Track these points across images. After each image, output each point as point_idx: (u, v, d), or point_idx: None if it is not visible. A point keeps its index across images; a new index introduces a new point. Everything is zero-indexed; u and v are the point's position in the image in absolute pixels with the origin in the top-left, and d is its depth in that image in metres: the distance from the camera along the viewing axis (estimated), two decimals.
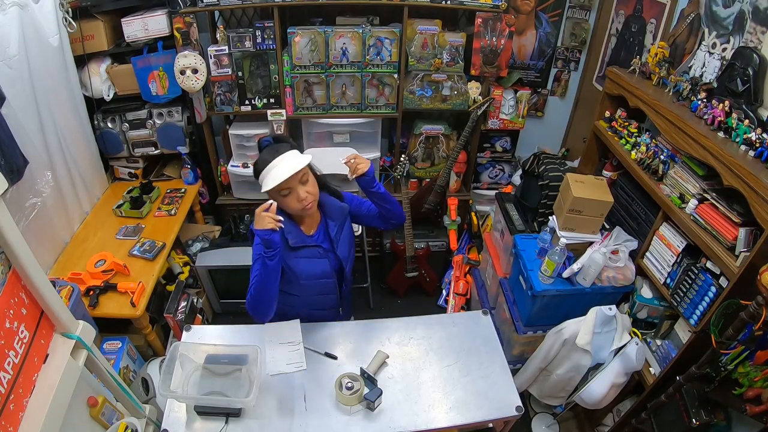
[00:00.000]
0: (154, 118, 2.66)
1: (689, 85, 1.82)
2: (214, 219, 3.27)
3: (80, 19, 2.25)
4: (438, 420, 1.45)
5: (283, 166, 1.42)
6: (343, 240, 1.67)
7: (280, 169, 1.42)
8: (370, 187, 1.60)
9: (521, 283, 2.11)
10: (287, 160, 1.44)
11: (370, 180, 1.57)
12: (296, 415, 1.44)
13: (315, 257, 1.61)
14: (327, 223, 1.64)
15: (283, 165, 1.43)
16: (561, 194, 2.08)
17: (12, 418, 1.14)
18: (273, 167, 1.44)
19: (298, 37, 2.42)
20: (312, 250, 1.61)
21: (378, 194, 1.62)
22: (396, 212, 1.68)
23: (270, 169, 1.44)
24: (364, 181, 1.57)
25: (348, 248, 1.70)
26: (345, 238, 1.68)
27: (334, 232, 1.64)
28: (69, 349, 1.37)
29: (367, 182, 1.58)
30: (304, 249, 1.59)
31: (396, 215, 1.69)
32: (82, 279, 2.08)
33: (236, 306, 2.87)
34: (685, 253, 1.70)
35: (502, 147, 3.02)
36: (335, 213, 1.63)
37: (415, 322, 1.77)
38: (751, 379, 1.48)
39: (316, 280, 1.65)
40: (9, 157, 1.68)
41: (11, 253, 1.17)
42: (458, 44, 2.53)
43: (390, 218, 1.69)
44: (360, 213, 1.71)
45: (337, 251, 1.65)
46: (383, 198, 1.63)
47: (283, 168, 1.42)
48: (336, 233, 1.64)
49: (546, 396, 2.16)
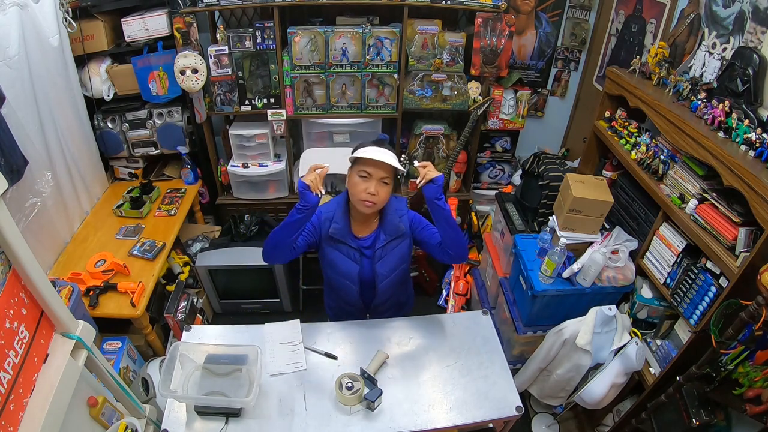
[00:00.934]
0: (154, 118, 2.66)
1: (689, 85, 1.82)
2: (214, 219, 3.28)
3: (80, 19, 2.25)
4: (438, 420, 1.45)
5: (384, 153, 1.47)
6: (389, 257, 1.63)
7: (380, 153, 1.46)
8: (436, 198, 1.47)
9: (521, 283, 2.11)
10: (390, 155, 1.49)
11: (437, 189, 1.46)
12: (296, 415, 1.44)
13: (349, 257, 1.62)
14: (379, 235, 1.62)
15: (385, 153, 1.47)
16: (561, 194, 2.08)
17: (12, 418, 1.14)
18: (375, 150, 1.47)
19: (298, 37, 2.42)
20: (350, 249, 1.61)
21: (442, 211, 1.48)
22: (457, 241, 1.53)
23: (372, 149, 1.48)
24: (431, 189, 1.46)
25: (391, 268, 1.64)
26: (393, 256, 1.63)
27: (380, 245, 1.61)
28: (69, 349, 1.37)
29: (434, 191, 1.46)
30: (343, 245, 1.60)
31: (456, 245, 1.53)
32: (82, 279, 2.08)
33: (236, 306, 2.87)
34: (685, 253, 1.70)
35: (502, 147, 3.02)
36: (390, 228, 1.60)
37: (415, 322, 1.77)
38: (751, 379, 1.48)
39: (340, 278, 1.66)
40: (9, 157, 1.68)
41: (11, 253, 1.17)
42: (458, 44, 2.53)
43: (449, 247, 1.54)
44: (421, 238, 1.64)
45: (377, 265, 1.62)
46: (447, 218, 1.49)
47: (383, 154, 1.46)
48: (383, 246, 1.61)
49: (546, 396, 2.16)
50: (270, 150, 2.81)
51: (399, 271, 1.68)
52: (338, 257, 1.63)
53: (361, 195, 1.49)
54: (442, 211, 1.48)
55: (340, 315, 1.81)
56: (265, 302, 2.85)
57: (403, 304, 1.89)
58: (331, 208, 1.62)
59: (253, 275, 2.66)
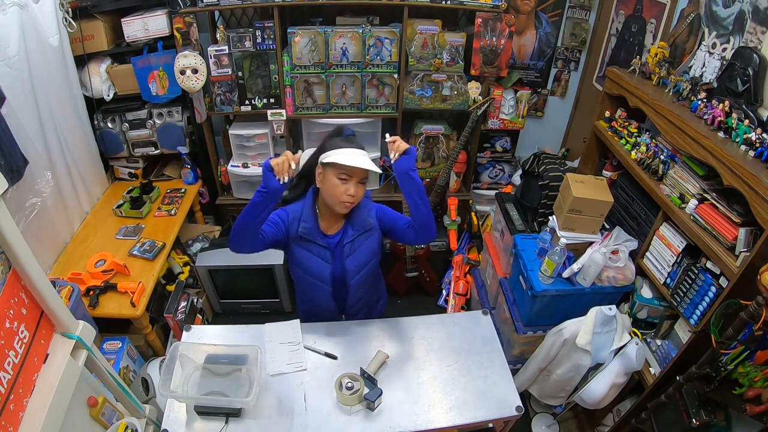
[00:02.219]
0: (154, 118, 2.66)
1: (689, 85, 1.82)
2: (214, 219, 3.28)
3: (80, 19, 2.25)
4: (438, 420, 1.45)
5: (361, 157, 1.44)
6: (358, 253, 1.61)
7: (358, 157, 1.43)
8: (411, 169, 1.44)
9: (521, 283, 2.11)
10: (366, 157, 1.46)
11: (410, 159, 1.43)
12: (296, 415, 1.44)
13: (319, 257, 1.60)
14: (346, 230, 1.60)
15: (362, 157, 1.44)
16: (561, 194, 2.08)
17: (12, 418, 1.14)
18: (351, 151, 1.44)
19: (298, 37, 2.42)
20: (319, 248, 1.59)
21: (415, 183, 1.45)
22: (429, 216, 1.51)
23: (348, 151, 1.44)
24: (405, 161, 1.43)
25: (361, 264, 1.62)
26: (362, 252, 1.62)
27: (348, 239, 1.59)
28: (69, 349, 1.37)
29: (407, 162, 1.43)
30: (313, 244, 1.58)
31: (428, 221, 1.51)
32: (82, 279, 2.08)
33: (236, 306, 2.87)
34: (685, 253, 1.70)
35: (502, 147, 3.02)
36: (358, 222, 1.59)
37: (415, 322, 1.77)
38: (751, 379, 1.48)
39: (312, 279, 1.64)
40: (9, 157, 1.68)
41: (11, 253, 1.17)
42: (458, 44, 2.53)
43: (421, 226, 1.52)
44: (388, 224, 1.62)
45: (346, 261, 1.60)
46: (420, 191, 1.46)
47: (361, 158, 1.43)
48: (351, 242, 1.60)
49: (546, 396, 2.16)
50: (270, 150, 2.81)
51: (369, 267, 1.66)
52: (308, 257, 1.59)
53: (342, 197, 1.47)
54: (416, 184, 1.44)
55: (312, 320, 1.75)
56: (265, 302, 2.85)
57: (375, 303, 1.87)
58: (297, 208, 1.59)
59: (253, 275, 2.67)
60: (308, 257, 1.60)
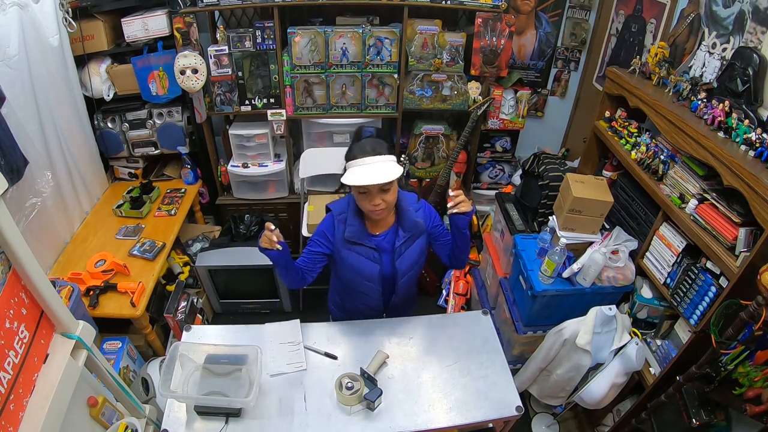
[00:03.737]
0: (154, 118, 2.66)
1: (689, 85, 1.82)
2: (214, 219, 3.28)
3: (80, 19, 2.25)
4: (438, 420, 1.45)
5: (372, 171, 1.39)
6: (408, 254, 1.61)
7: (368, 174, 1.39)
8: (462, 228, 1.52)
9: (521, 283, 2.11)
10: (380, 165, 1.41)
11: (465, 221, 1.50)
12: (296, 415, 1.44)
13: (368, 258, 1.59)
14: (397, 231, 1.59)
15: (374, 170, 1.40)
16: (561, 194, 2.08)
17: (12, 418, 1.14)
18: (363, 164, 1.41)
19: (298, 37, 2.42)
20: (368, 250, 1.58)
21: (464, 237, 1.55)
22: (463, 259, 1.66)
23: (360, 164, 1.42)
24: (461, 220, 1.49)
25: (411, 265, 1.64)
26: (412, 253, 1.62)
27: (400, 242, 1.58)
28: (69, 349, 1.37)
29: (463, 222, 1.50)
30: (361, 246, 1.57)
31: (461, 262, 1.67)
32: (82, 279, 2.08)
33: (236, 306, 2.87)
34: (685, 253, 1.70)
35: (502, 147, 3.02)
36: (409, 224, 1.58)
37: (415, 322, 1.77)
38: (751, 379, 1.48)
39: (361, 279, 1.63)
40: (9, 157, 1.68)
41: (11, 253, 1.17)
42: (458, 44, 2.53)
43: (454, 260, 1.66)
44: (437, 239, 1.66)
45: (396, 262, 1.60)
46: (465, 243, 1.57)
47: (371, 174, 1.39)
48: (402, 244, 1.59)
49: (546, 396, 2.16)
50: (270, 150, 2.81)
51: (417, 267, 1.68)
52: (357, 259, 1.58)
53: (367, 208, 1.48)
54: (465, 238, 1.56)
55: (355, 318, 1.78)
56: (265, 302, 2.85)
57: (414, 299, 1.89)
58: (342, 208, 1.59)
59: (253, 275, 2.67)
60: (357, 258, 1.59)
